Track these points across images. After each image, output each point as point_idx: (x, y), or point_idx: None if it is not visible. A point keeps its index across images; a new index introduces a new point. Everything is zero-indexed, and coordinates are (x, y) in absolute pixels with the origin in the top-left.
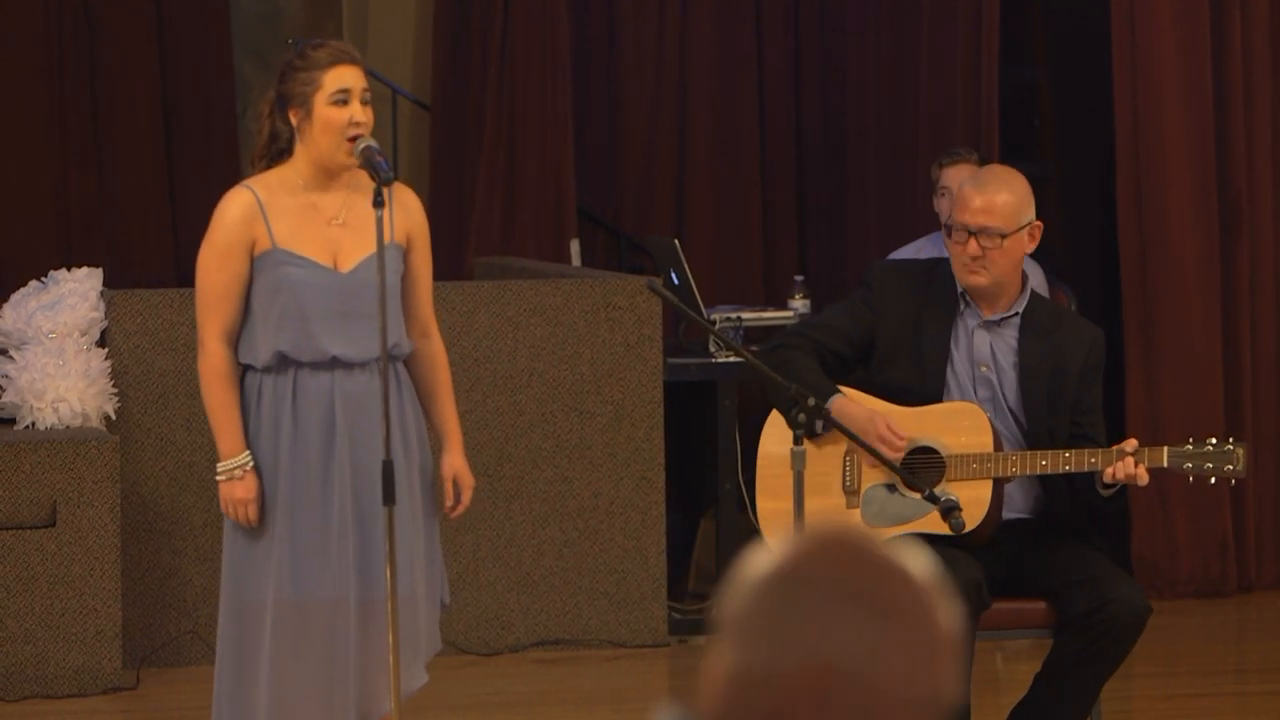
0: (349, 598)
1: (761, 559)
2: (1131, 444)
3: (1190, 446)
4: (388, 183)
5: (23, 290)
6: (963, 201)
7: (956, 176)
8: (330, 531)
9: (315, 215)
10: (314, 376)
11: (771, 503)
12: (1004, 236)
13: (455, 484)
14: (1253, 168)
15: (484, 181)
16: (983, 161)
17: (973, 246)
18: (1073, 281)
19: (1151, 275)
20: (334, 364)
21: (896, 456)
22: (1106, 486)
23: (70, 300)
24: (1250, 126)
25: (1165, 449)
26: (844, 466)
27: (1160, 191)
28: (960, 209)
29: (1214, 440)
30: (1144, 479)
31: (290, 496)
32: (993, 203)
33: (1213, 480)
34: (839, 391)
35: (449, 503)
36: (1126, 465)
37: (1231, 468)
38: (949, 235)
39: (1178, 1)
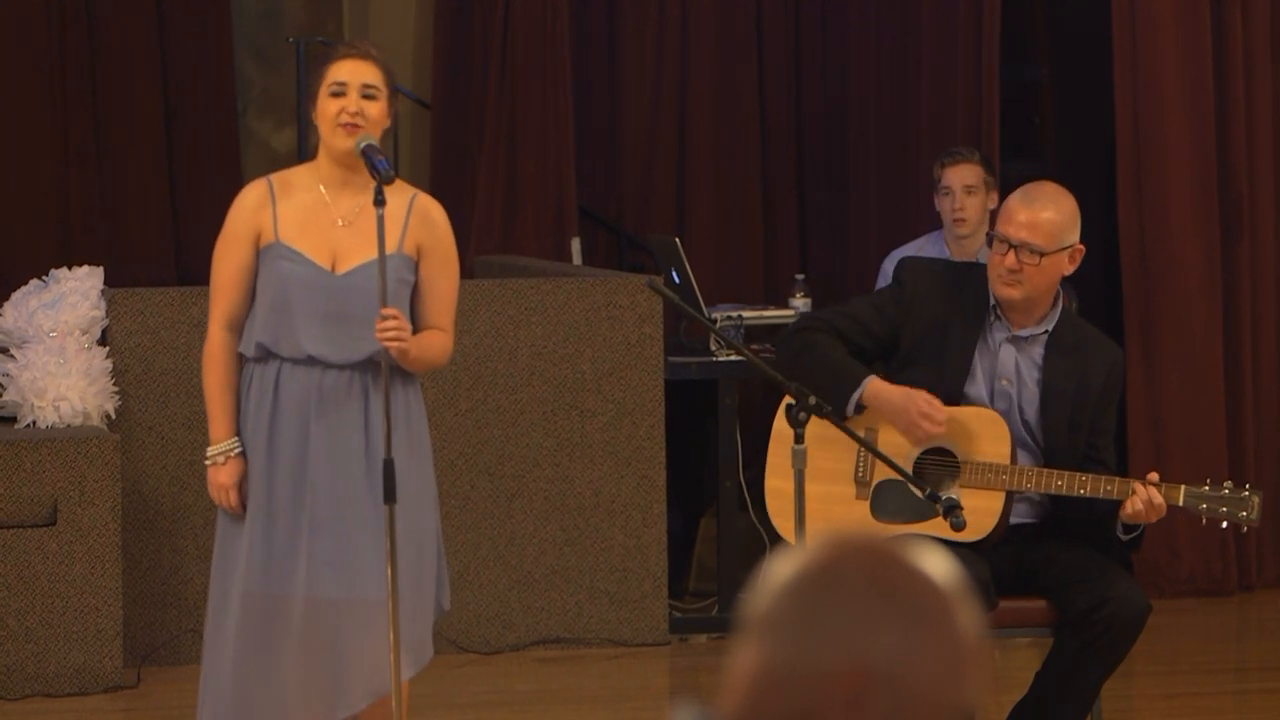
0: (322, 595)
1: (791, 558)
2: (1153, 477)
3: (1207, 488)
4: (387, 181)
5: (24, 289)
6: (1008, 213)
7: (958, 176)
8: (302, 528)
9: (324, 214)
10: (294, 372)
11: (780, 482)
12: (1042, 255)
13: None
14: (1253, 167)
15: (485, 180)
16: (984, 161)
17: (1010, 259)
18: (1072, 282)
19: (1152, 275)
20: (312, 362)
21: (938, 430)
22: (1127, 530)
23: (71, 299)
24: (1251, 126)
25: (1182, 488)
26: (858, 457)
27: (1161, 191)
28: (1004, 220)
29: (1230, 484)
30: (1163, 507)
31: (266, 489)
32: (1037, 219)
33: (1224, 525)
34: (869, 375)
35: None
36: (1143, 491)
37: (1245, 514)
38: (989, 244)
39: (1178, 1)
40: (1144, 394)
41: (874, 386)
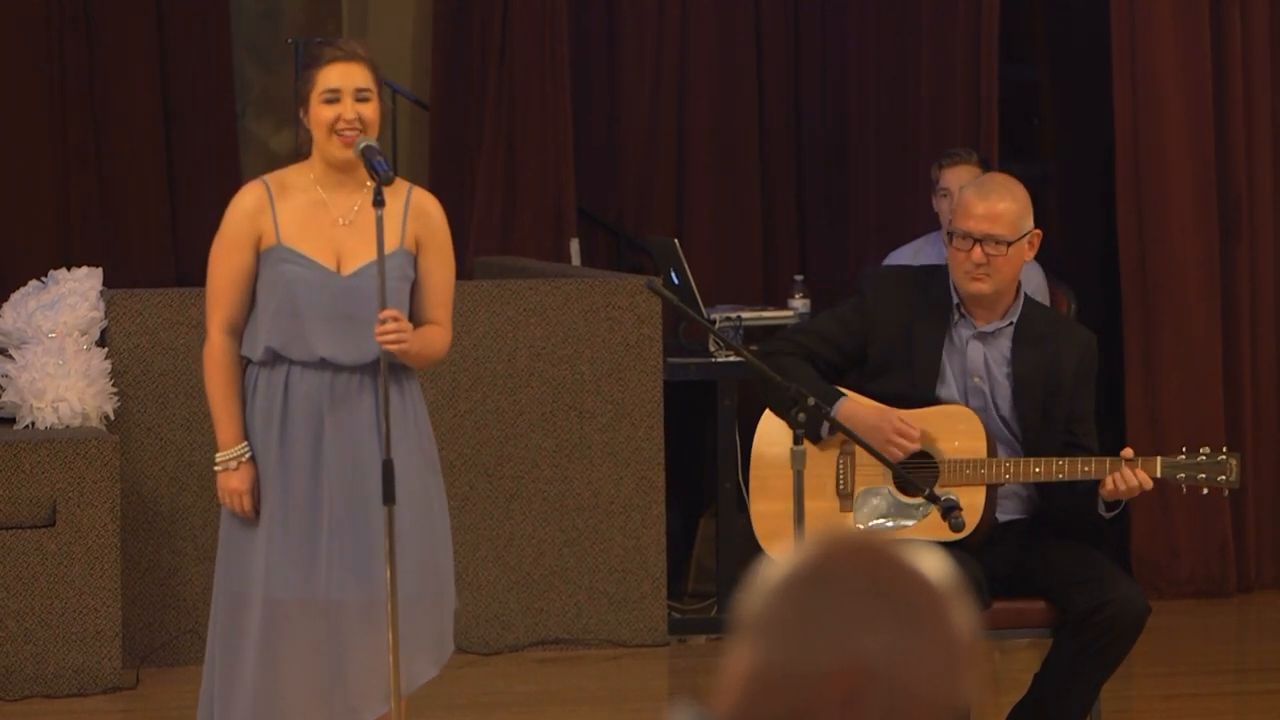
0: (340, 598)
1: (783, 560)
2: (1128, 453)
3: (1183, 456)
4: (387, 182)
5: (23, 290)
6: (965, 208)
7: (956, 178)
8: (320, 531)
9: (323, 215)
10: (304, 375)
11: (766, 505)
12: (1008, 244)
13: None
14: (1252, 168)
15: (484, 181)
16: (983, 162)
17: (977, 254)
18: (1072, 283)
19: (1151, 276)
20: (323, 365)
21: (912, 447)
22: (1109, 508)
23: (70, 300)
24: (1250, 127)
25: (1159, 459)
26: (838, 469)
27: (1160, 192)
28: (963, 215)
29: (1207, 450)
30: (1148, 483)
31: (281, 493)
32: (995, 210)
33: (1205, 491)
34: (843, 395)
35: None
36: (1128, 475)
37: (1224, 478)
38: (949, 242)
39: (1178, 2)
40: (1143, 395)
41: (846, 407)
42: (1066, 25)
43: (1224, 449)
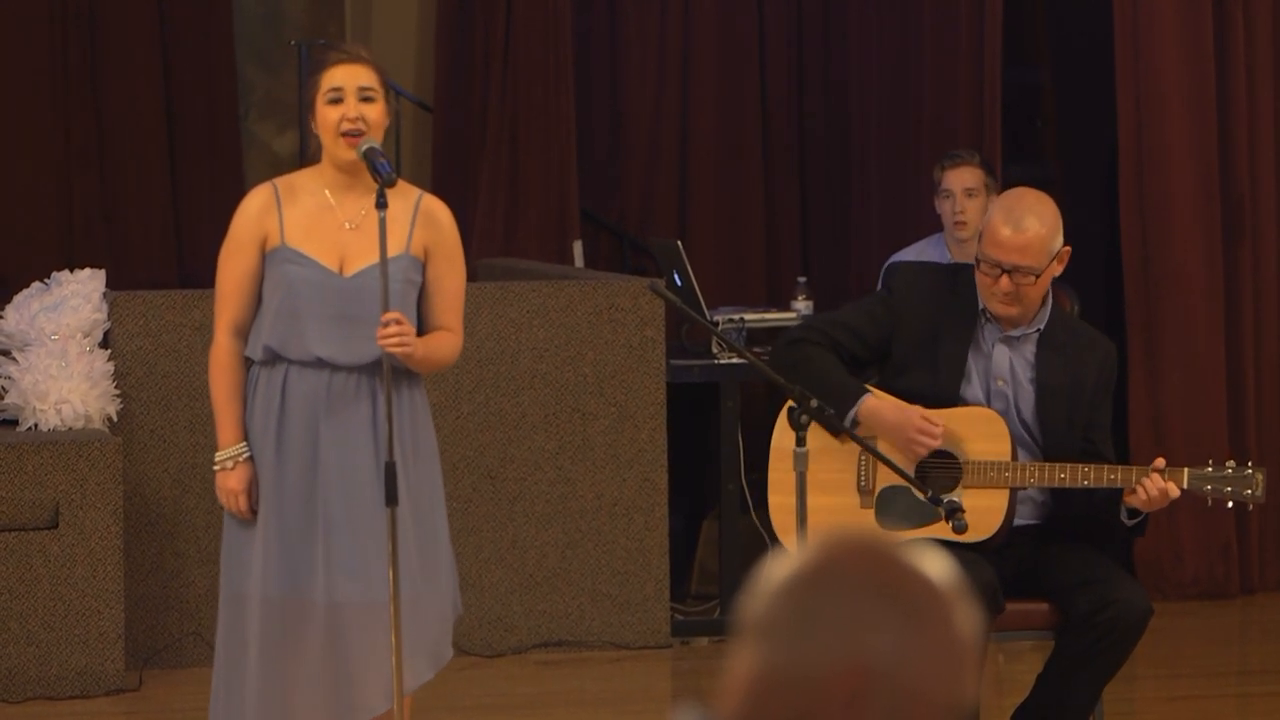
0: (336, 599)
1: (785, 561)
2: (1160, 462)
3: (1210, 469)
4: (389, 184)
5: (25, 292)
6: (992, 234)
7: (958, 179)
8: (315, 532)
9: (330, 217)
10: (302, 375)
11: (783, 498)
12: (1037, 275)
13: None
14: (1255, 169)
15: (487, 183)
16: (985, 164)
17: (1004, 283)
18: (1075, 284)
19: (1154, 278)
20: (320, 365)
21: (935, 445)
22: (1131, 515)
23: (73, 302)
24: (1253, 128)
25: (1185, 471)
26: (859, 466)
27: (1163, 194)
28: (991, 244)
29: (1233, 463)
30: (1175, 492)
31: (278, 493)
32: (1024, 240)
33: (1230, 504)
34: (868, 391)
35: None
36: (1156, 481)
37: (1250, 492)
38: (977, 265)
39: (1181, 3)
40: (1146, 397)
41: (869, 404)
42: (1069, 27)
43: (1250, 463)
